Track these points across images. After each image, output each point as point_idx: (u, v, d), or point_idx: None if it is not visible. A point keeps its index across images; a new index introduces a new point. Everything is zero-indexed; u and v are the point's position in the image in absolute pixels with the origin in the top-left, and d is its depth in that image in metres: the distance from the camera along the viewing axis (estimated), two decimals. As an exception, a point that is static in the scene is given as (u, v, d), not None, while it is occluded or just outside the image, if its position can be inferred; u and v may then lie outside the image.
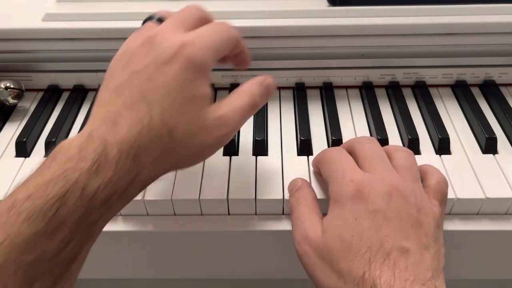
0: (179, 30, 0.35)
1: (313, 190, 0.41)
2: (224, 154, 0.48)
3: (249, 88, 0.36)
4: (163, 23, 0.36)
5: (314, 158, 0.43)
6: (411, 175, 0.37)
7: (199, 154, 0.35)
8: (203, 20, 0.37)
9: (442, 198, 0.37)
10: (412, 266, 0.31)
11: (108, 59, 0.61)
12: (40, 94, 0.57)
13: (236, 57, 0.39)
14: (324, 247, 0.34)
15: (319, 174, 0.42)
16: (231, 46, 0.36)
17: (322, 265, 0.34)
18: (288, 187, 0.42)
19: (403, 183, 0.35)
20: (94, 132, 0.30)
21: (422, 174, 0.39)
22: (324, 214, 0.37)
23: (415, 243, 0.32)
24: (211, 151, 0.35)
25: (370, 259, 0.31)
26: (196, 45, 0.33)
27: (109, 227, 0.43)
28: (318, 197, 0.40)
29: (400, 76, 0.57)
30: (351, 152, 0.40)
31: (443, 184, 0.38)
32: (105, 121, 0.31)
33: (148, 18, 0.38)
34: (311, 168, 0.45)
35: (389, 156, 0.39)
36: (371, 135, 0.50)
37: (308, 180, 0.43)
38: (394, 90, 0.56)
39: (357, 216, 0.33)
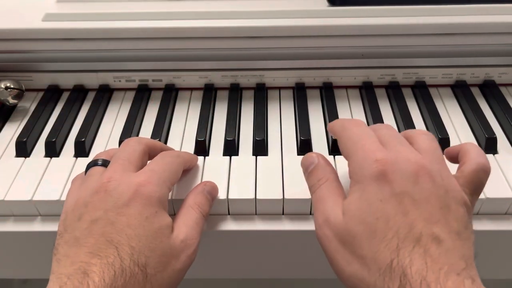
0: (128, 170, 0.36)
1: (334, 168, 0.37)
2: (224, 154, 0.48)
3: (195, 200, 0.39)
4: (110, 166, 0.37)
5: (331, 125, 0.39)
6: (436, 158, 0.33)
7: (172, 283, 0.35)
8: (147, 153, 0.40)
9: (475, 189, 0.34)
10: (445, 254, 0.28)
11: (108, 59, 0.61)
12: (40, 94, 0.57)
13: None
14: (345, 231, 0.31)
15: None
16: (181, 171, 0.40)
17: (343, 250, 0.31)
18: (303, 163, 0.39)
19: (430, 162, 0.32)
20: None
21: (462, 154, 0.36)
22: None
23: (446, 228, 0.29)
24: (181, 275, 0.36)
25: (398, 245, 0.28)
26: (151, 183, 0.35)
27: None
28: None
29: (400, 76, 0.57)
30: None
31: (482, 174, 0.34)
32: (73, 275, 0.31)
33: (92, 164, 0.39)
34: (311, 168, 0.45)
35: (410, 139, 0.36)
36: (371, 135, 0.50)
37: None
38: (394, 90, 0.56)
39: (382, 198, 0.30)
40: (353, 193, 0.32)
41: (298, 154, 0.48)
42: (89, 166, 0.39)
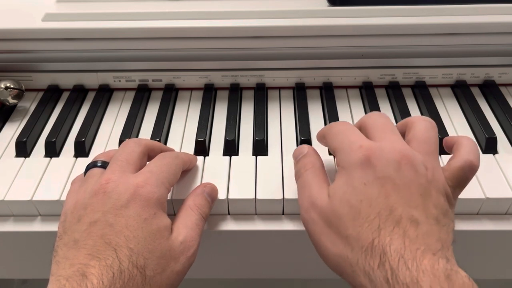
0: (127, 172, 0.36)
1: (320, 158, 0.39)
2: (224, 154, 0.48)
3: (195, 202, 0.39)
4: (109, 168, 0.37)
5: (318, 133, 0.41)
6: (427, 148, 0.35)
7: (172, 284, 0.35)
8: (146, 154, 0.40)
9: (459, 183, 0.35)
10: (422, 236, 0.30)
11: (108, 59, 0.61)
12: (40, 94, 0.57)
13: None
14: (331, 213, 0.33)
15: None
16: (180, 172, 0.40)
17: (328, 231, 0.33)
18: (294, 154, 0.41)
19: (413, 153, 0.33)
20: None
21: (455, 147, 0.37)
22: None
23: (424, 213, 0.31)
24: (181, 277, 0.35)
25: (380, 226, 0.30)
26: (150, 184, 0.35)
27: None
28: None
29: (400, 76, 0.57)
30: (361, 128, 0.38)
31: (468, 171, 0.34)
32: (72, 277, 0.31)
33: (91, 165, 0.39)
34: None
35: (410, 125, 0.37)
36: (371, 135, 0.50)
37: None
38: (394, 90, 0.56)
39: (366, 182, 0.32)
40: (339, 178, 0.34)
41: (298, 154, 0.48)
42: (88, 168, 0.39)
